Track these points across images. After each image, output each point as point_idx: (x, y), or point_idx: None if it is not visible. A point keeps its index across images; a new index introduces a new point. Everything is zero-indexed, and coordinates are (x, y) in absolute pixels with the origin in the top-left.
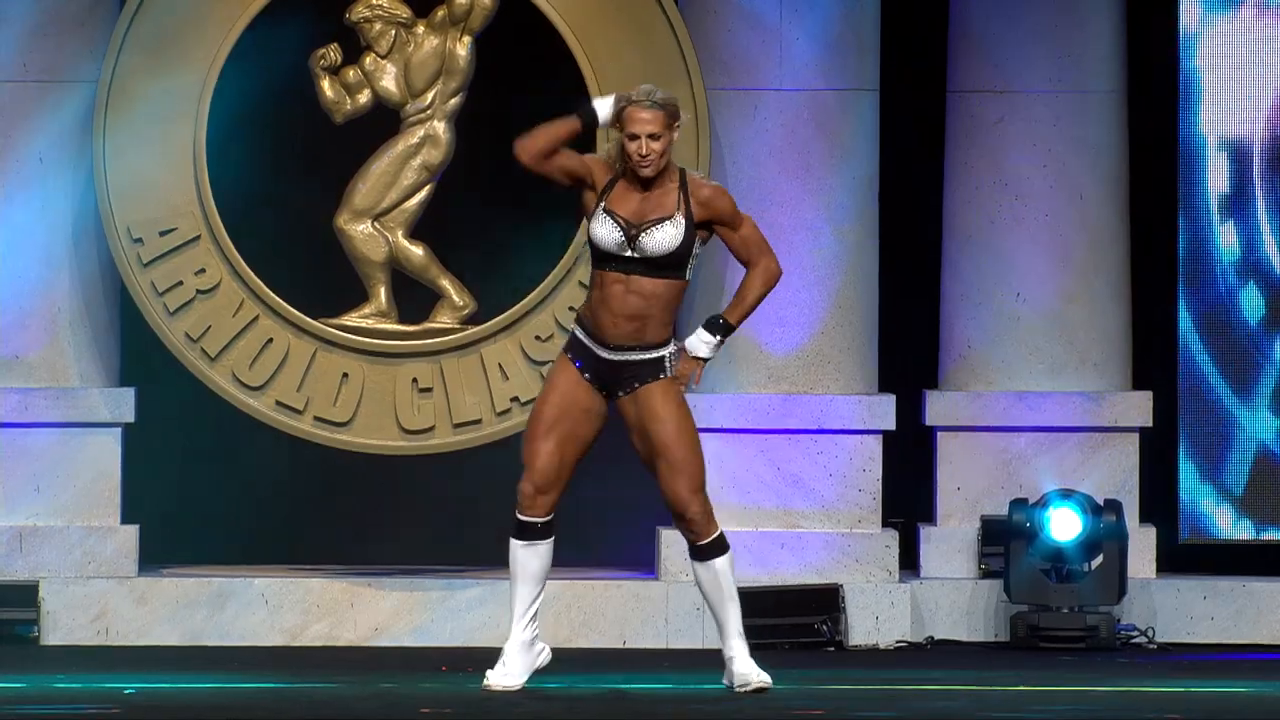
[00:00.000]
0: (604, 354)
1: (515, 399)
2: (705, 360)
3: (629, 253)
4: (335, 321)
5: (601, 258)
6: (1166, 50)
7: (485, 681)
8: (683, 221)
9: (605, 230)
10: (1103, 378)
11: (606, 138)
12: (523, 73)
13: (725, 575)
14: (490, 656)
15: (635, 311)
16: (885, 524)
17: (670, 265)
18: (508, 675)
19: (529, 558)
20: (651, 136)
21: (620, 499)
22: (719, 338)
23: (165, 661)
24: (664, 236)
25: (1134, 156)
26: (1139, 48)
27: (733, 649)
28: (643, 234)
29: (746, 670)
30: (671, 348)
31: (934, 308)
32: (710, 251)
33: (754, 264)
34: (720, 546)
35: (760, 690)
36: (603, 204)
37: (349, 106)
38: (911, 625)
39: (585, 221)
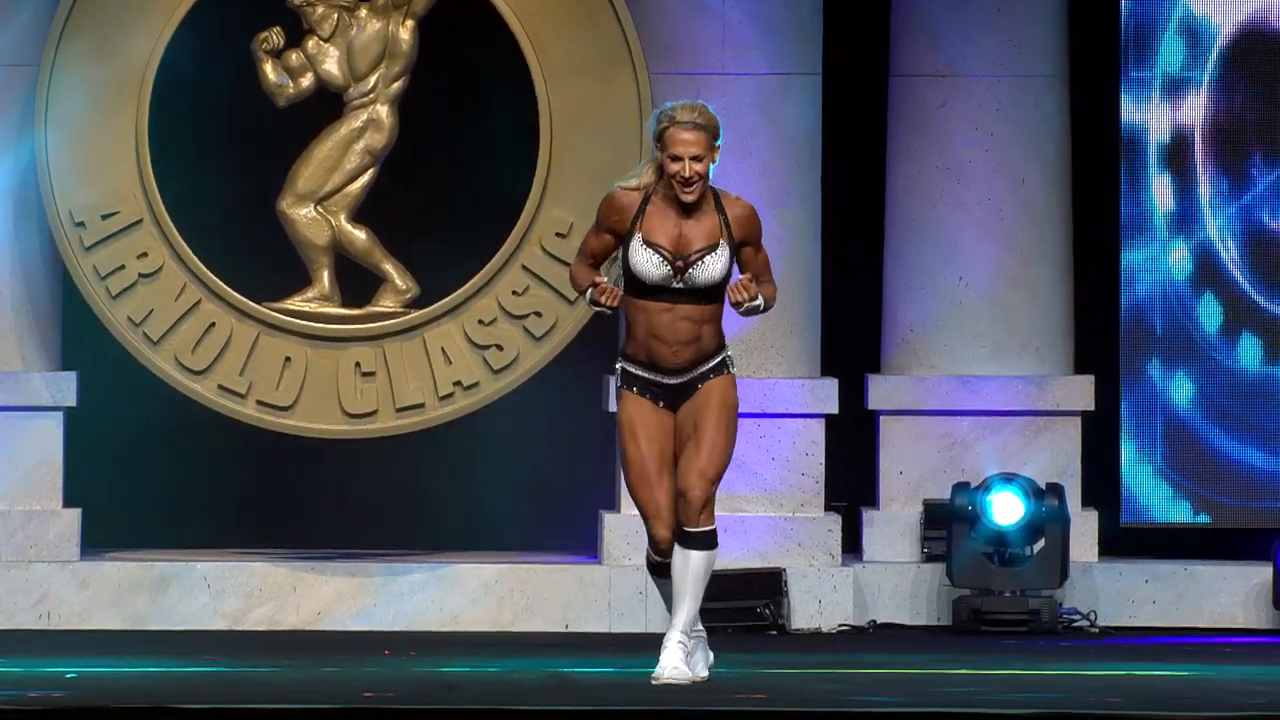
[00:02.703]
0: (671, 380)
1: (458, 383)
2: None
3: (678, 284)
4: (278, 305)
5: (643, 288)
6: (1108, 33)
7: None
8: (727, 249)
9: (650, 264)
10: (1045, 362)
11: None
12: (466, 56)
13: (696, 570)
14: (433, 639)
15: (689, 337)
16: (828, 508)
17: (717, 290)
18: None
19: (667, 583)
20: (695, 159)
21: (563, 482)
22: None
23: (107, 646)
24: (714, 268)
25: (1076, 141)
26: (1081, 32)
27: (667, 639)
28: (692, 267)
29: (664, 662)
30: (728, 346)
31: (877, 292)
32: None
33: (764, 284)
34: (704, 541)
35: (669, 684)
36: (639, 233)
37: (291, 90)
38: (854, 609)
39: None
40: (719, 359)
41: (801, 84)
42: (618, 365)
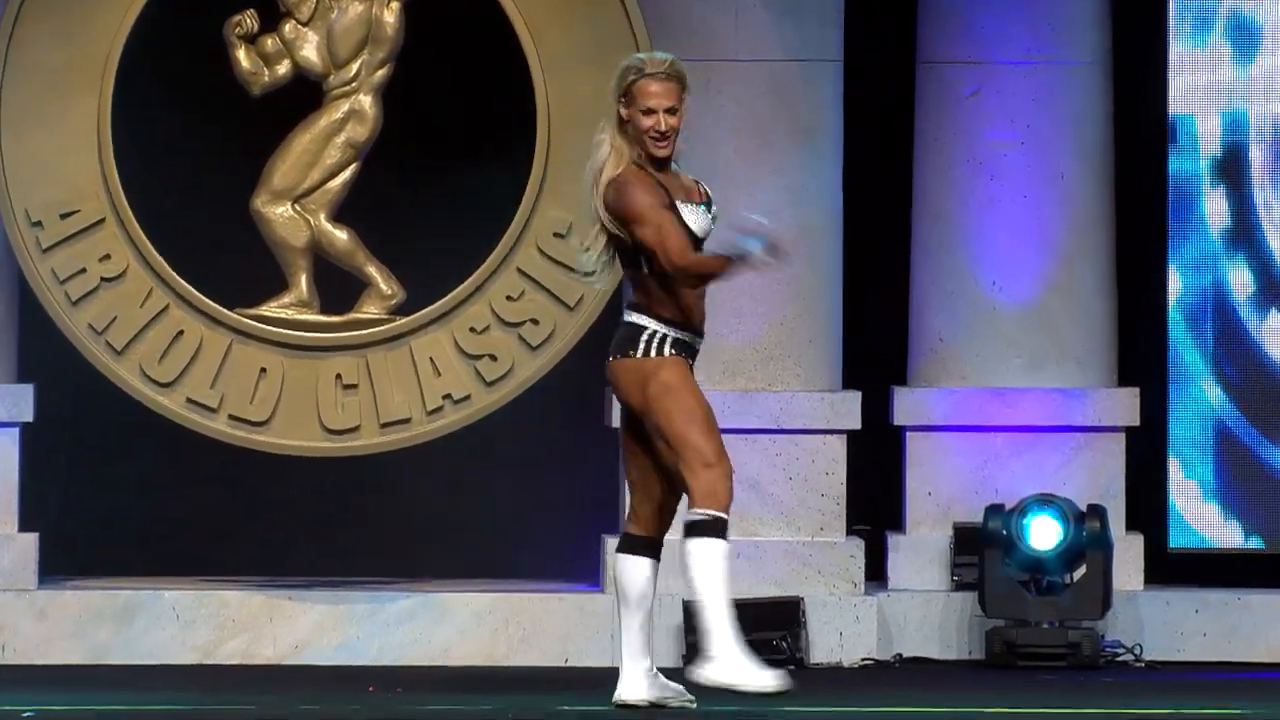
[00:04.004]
0: (696, 342)
1: (448, 396)
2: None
3: (702, 237)
4: (252, 312)
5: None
6: (1154, 18)
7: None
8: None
9: (700, 219)
10: (1086, 373)
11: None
12: (456, 42)
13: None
14: (421, 674)
15: (703, 291)
16: (850, 532)
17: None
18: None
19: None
20: (669, 111)
21: (562, 503)
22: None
23: (68, 681)
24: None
25: (1119, 133)
26: (1124, 15)
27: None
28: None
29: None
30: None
31: (903, 297)
32: None
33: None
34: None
35: (633, 707)
36: (674, 199)
37: (267, 78)
38: (878, 642)
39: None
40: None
41: (821, 71)
42: (655, 332)
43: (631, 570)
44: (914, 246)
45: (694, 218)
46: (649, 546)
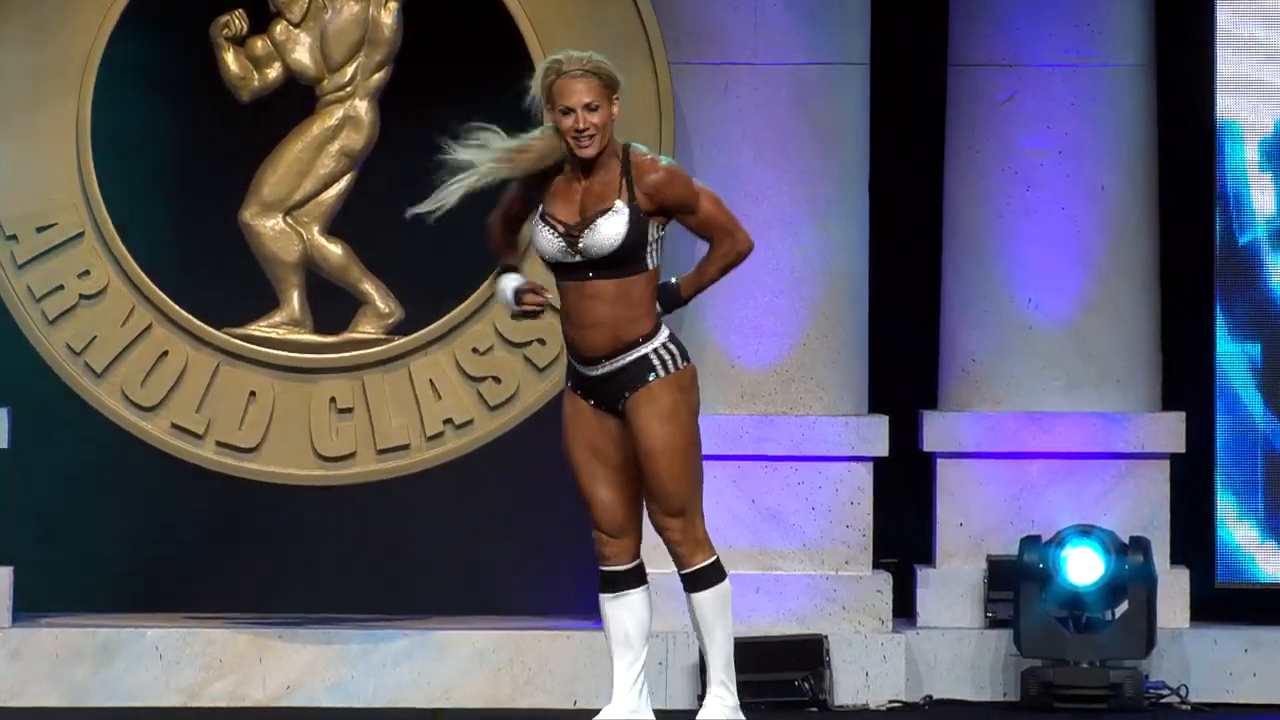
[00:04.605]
0: (587, 371)
1: (449, 421)
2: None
3: (575, 258)
4: (241, 331)
5: (552, 268)
6: (1202, 18)
7: None
8: (626, 210)
9: (545, 239)
10: (1128, 396)
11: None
12: (457, 44)
13: (708, 613)
14: (420, 717)
15: (600, 318)
16: (876, 565)
17: (625, 260)
18: None
19: (619, 611)
20: (588, 108)
21: (570, 536)
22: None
23: None
24: (607, 232)
25: (1163, 141)
26: (1171, 15)
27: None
28: (584, 234)
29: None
30: (660, 338)
31: (933, 315)
32: (671, 254)
33: (717, 245)
34: (708, 579)
35: None
36: (541, 206)
37: (257, 82)
38: (907, 682)
39: None
40: (641, 353)
41: (846, 75)
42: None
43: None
44: (945, 261)
45: (541, 235)
46: (637, 576)
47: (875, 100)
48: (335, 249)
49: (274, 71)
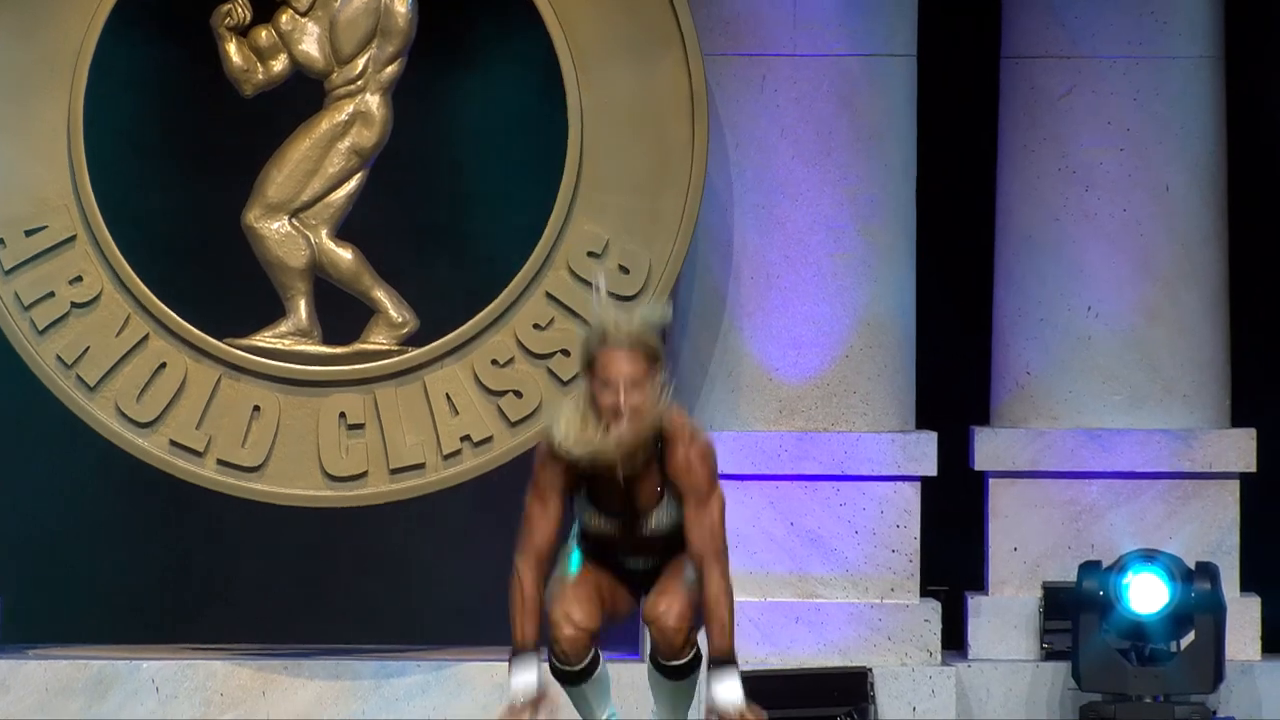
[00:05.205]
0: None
1: (467, 438)
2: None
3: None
4: (244, 342)
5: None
6: (1276, 6)
7: None
8: (668, 496)
9: (594, 523)
10: (1194, 412)
11: None
12: (476, 35)
13: (675, 690)
14: None
15: (650, 550)
16: (924, 593)
17: (677, 529)
18: None
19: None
20: (632, 383)
21: None
22: (735, 672)
23: None
24: (663, 521)
25: (1233, 139)
26: (1241, 3)
27: None
28: (639, 526)
29: None
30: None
31: (985, 325)
32: (705, 260)
33: (707, 567)
34: (683, 672)
35: None
36: (585, 487)
37: (261, 76)
38: (957, 718)
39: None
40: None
41: (892, 68)
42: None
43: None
44: (997, 267)
45: (595, 520)
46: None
47: (922, 95)
48: (345, 254)
49: (279, 64)
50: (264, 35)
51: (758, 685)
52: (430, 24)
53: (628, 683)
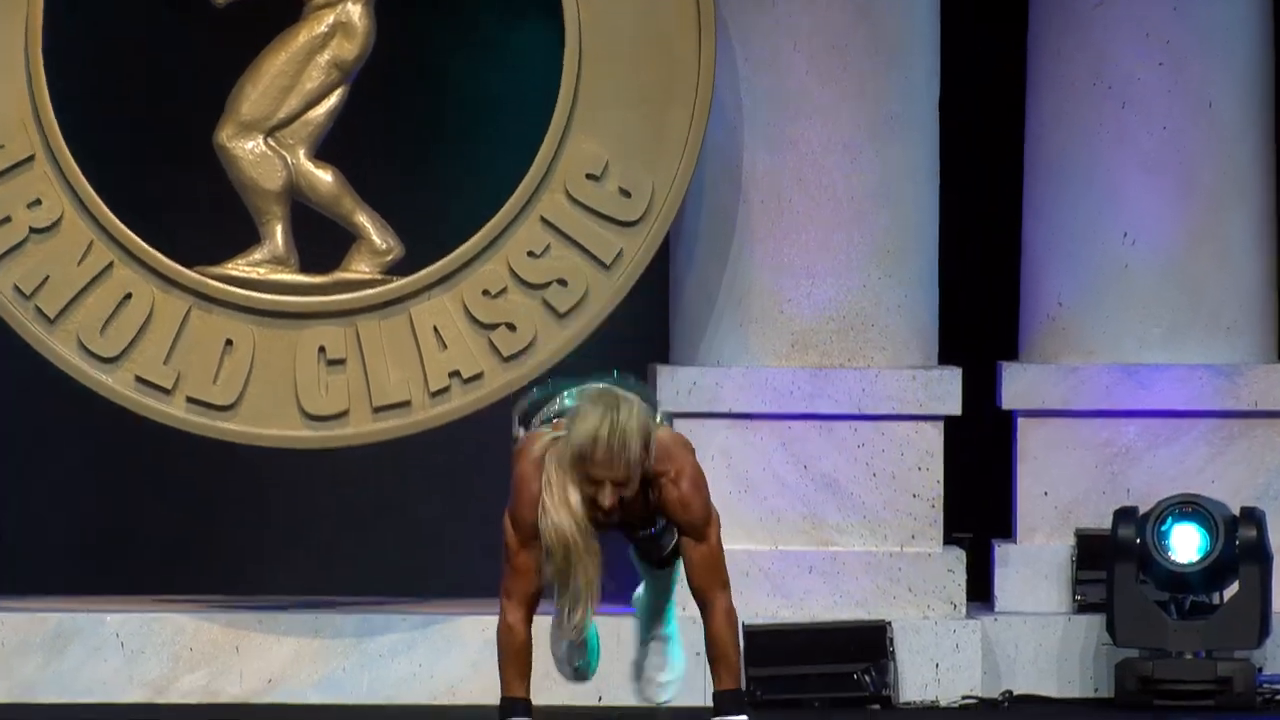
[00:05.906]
0: None
1: (455, 374)
2: None
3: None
4: (216, 271)
5: None
6: None
7: None
8: (661, 524)
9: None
10: (1238, 346)
11: None
12: None
13: None
14: (422, 715)
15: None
16: (948, 540)
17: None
18: None
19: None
20: (619, 484)
21: None
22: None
23: None
24: (664, 541)
25: (1279, 52)
26: None
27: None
28: (641, 539)
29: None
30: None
31: (1014, 253)
32: (712, 183)
33: (710, 602)
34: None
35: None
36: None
37: None
38: (983, 676)
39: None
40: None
41: None
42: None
43: None
44: (1026, 191)
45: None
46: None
47: (947, 4)
48: (325, 176)
49: None
50: None
51: (768, 641)
52: None
53: (628, 640)
